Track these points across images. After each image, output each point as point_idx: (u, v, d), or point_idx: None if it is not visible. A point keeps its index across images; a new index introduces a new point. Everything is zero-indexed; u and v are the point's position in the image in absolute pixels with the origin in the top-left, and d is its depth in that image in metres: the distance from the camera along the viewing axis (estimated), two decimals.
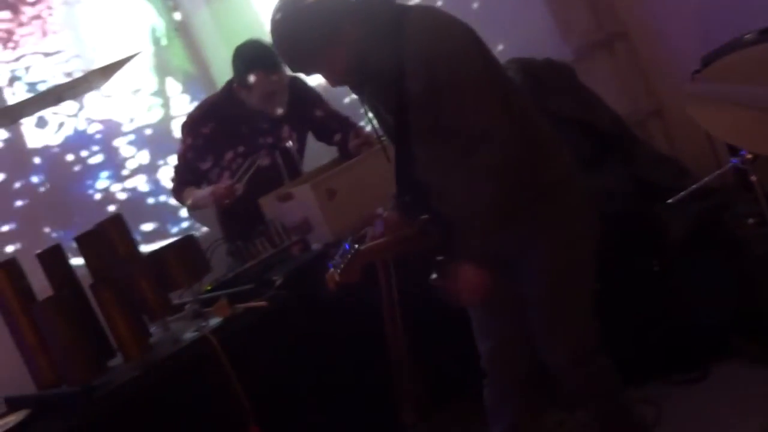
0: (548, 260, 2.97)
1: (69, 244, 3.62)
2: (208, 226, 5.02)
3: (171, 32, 5.60)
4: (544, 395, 3.29)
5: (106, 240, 3.44)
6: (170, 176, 4.56)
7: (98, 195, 5.13)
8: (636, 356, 3.78)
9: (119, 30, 5.34)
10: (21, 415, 3.28)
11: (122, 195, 5.20)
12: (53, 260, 3.50)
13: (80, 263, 3.54)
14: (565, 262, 2.97)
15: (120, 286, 3.37)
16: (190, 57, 5.66)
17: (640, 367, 3.79)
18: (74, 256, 3.61)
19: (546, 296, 3.01)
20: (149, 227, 5.21)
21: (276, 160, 4.38)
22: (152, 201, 5.20)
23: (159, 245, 4.48)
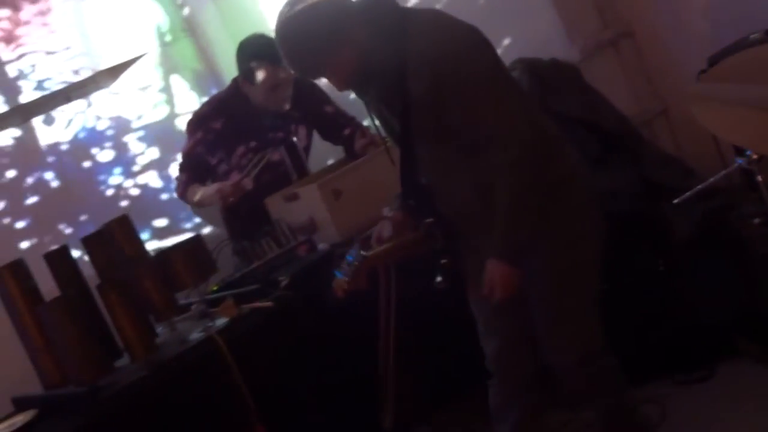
0: (553, 260, 2.97)
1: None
2: (215, 226, 5.03)
3: (178, 29, 5.61)
4: (549, 395, 3.29)
5: (113, 240, 3.45)
6: (174, 175, 4.56)
7: (110, 191, 5.14)
8: (640, 356, 3.78)
9: (126, 27, 5.35)
10: (28, 415, 3.30)
11: (135, 191, 5.21)
12: (60, 261, 3.51)
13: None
14: (571, 262, 2.98)
15: (126, 287, 3.39)
16: (198, 54, 5.66)
17: (645, 367, 3.79)
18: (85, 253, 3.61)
19: (551, 296, 3.01)
20: (162, 223, 5.22)
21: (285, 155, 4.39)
22: (165, 197, 5.21)
23: (172, 241, 4.53)
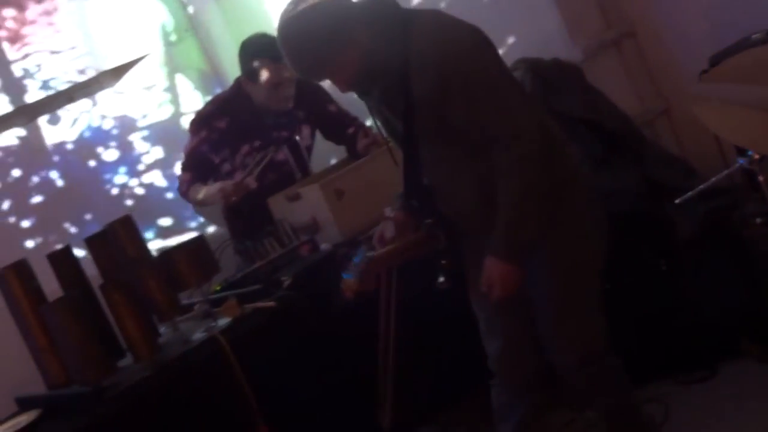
0: (556, 259, 2.98)
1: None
2: (218, 225, 5.03)
3: (182, 29, 5.61)
4: (552, 395, 3.30)
5: (116, 241, 3.45)
6: (176, 175, 4.56)
7: (115, 190, 5.14)
8: (643, 355, 3.78)
9: (131, 27, 5.35)
10: (32, 415, 3.32)
11: (140, 190, 5.21)
12: (63, 261, 3.52)
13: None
14: (573, 262, 2.98)
15: (129, 287, 3.39)
16: (202, 53, 5.67)
17: (648, 367, 3.80)
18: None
19: (554, 296, 3.02)
20: (167, 222, 5.22)
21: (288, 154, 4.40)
22: (170, 196, 5.21)
23: (177, 240, 4.53)
